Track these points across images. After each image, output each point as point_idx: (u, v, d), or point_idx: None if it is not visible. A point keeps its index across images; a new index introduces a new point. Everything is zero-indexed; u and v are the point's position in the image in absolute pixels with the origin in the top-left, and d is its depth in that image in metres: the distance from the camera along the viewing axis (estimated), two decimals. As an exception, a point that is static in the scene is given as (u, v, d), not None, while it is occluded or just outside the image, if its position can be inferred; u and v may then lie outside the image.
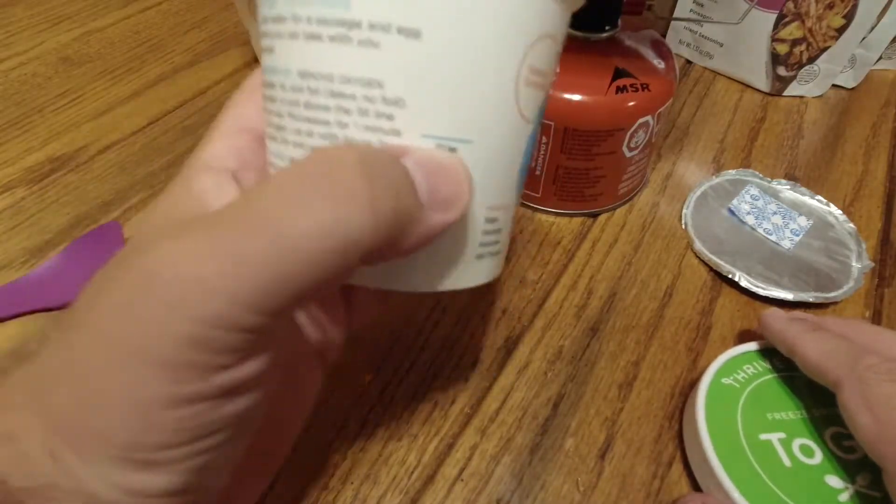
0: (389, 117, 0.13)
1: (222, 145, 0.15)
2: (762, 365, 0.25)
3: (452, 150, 0.13)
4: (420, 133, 0.13)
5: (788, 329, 0.24)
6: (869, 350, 0.21)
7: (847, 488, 0.21)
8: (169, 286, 0.11)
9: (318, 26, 0.12)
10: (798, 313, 0.26)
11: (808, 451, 0.22)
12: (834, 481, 0.21)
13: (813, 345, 0.23)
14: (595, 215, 0.35)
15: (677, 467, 0.24)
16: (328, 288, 0.12)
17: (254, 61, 0.46)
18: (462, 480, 0.24)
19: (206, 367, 0.11)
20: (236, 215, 0.12)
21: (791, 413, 0.23)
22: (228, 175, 0.15)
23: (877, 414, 0.19)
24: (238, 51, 0.48)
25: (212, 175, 0.15)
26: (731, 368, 0.25)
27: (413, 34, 0.12)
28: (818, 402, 0.23)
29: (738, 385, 0.24)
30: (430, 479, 0.24)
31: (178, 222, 0.13)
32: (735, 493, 0.21)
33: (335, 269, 0.12)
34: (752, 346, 0.26)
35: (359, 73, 0.12)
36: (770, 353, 0.25)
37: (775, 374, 0.25)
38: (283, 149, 0.14)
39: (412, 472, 0.24)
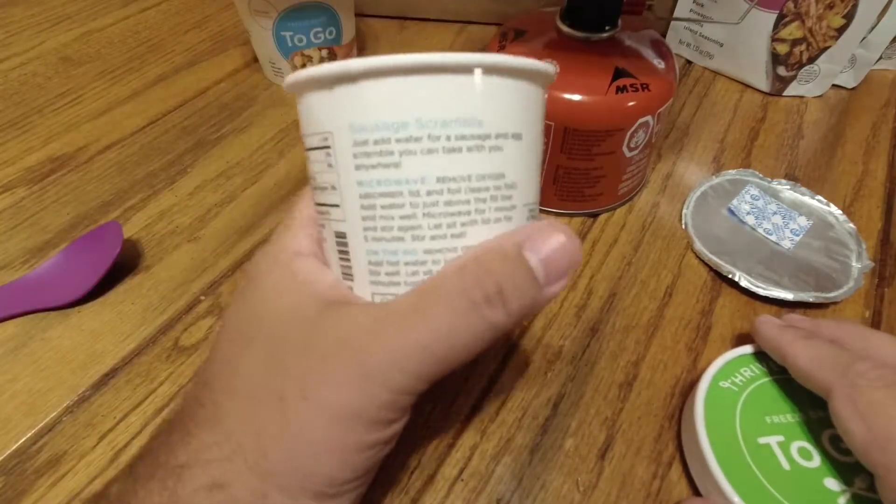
0: (509, 198, 0.17)
1: (303, 236, 0.19)
2: (759, 368, 0.25)
3: (533, 210, 0.18)
4: (522, 203, 0.17)
5: (780, 337, 0.24)
6: (860, 356, 0.21)
7: (845, 491, 0.21)
8: (380, 367, 0.15)
9: (457, 141, 0.16)
10: (793, 316, 0.26)
11: (806, 454, 0.22)
12: (832, 484, 0.21)
13: (804, 352, 0.23)
14: (595, 215, 0.35)
15: (677, 468, 0.24)
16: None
17: (253, 61, 0.46)
18: (462, 480, 0.24)
19: (389, 421, 0.16)
20: (421, 317, 0.16)
21: (789, 416, 0.23)
22: (319, 260, 0.18)
23: (868, 420, 0.19)
24: (238, 51, 0.48)
25: (307, 261, 0.18)
26: (729, 372, 0.25)
27: (519, 137, 0.17)
28: (815, 404, 0.23)
29: (735, 389, 0.24)
30: (430, 479, 0.24)
31: (318, 303, 0.17)
32: (735, 498, 0.21)
33: (479, 351, 0.16)
34: (748, 348, 0.26)
35: (491, 170, 0.16)
36: (766, 355, 0.25)
37: (772, 377, 0.25)
38: (418, 245, 0.16)
39: (412, 472, 0.24)
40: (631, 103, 0.29)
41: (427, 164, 0.16)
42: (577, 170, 0.32)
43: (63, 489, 0.23)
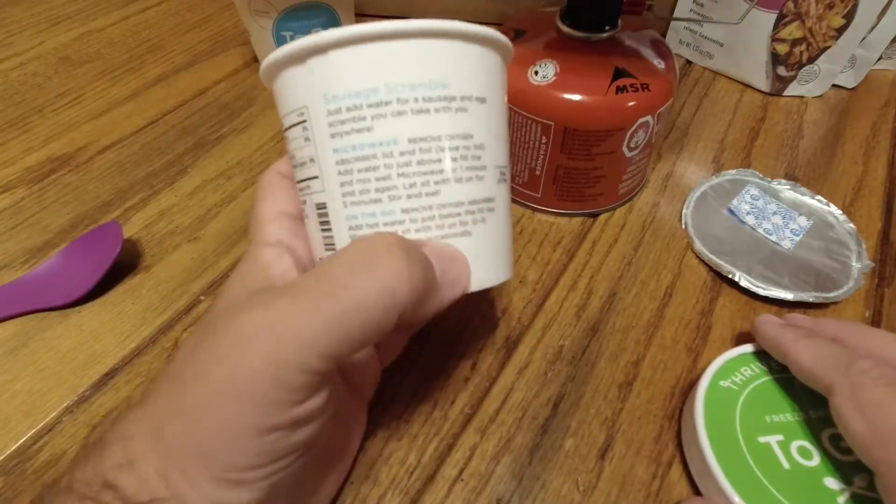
0: (478, 158, 0.18)
1: (272, 228, 0.20)
2: (759, 367, 0.25)
3: (503, 173, 0.19)
4: (493, 165, 0.18)
5: (781, 335, 0.24)
6: (861, 354, 0.21)
7: (845, 490, 0.21)
8: (264, 342, 0.15)
9: (424, 103, 0.16)
10: (794, 316, 0.26)
11: (806, 454, 0.22)
12: (832, 483, 0.21)
13: (805, 351, 0.23)
14: (595, 215, 0.35)
15: (677, 467, 0.24)
16: (373, 339, 0.16)
17: (253, 61, 0.46)
18: (462, 480, 0.24)
19: (285, 403, 0.15)
20: (314, 285, 0.15)
21: (789, 415, 0.23)
22: (283, 248, 0.19)
23: (869, 419, 0.19)
24: (238, 51, 0.48)
25: (271, 249, 0.19)
26: (729, 371, 0.25)
27: (483, 100, 0.18)
28: (815, 403, 0.23)
29: (735, 388, 0.24)
30: (430, 479, 0.24)
31: (257, 289, 0.17)
32: (735, 497, 0.21)
33: (382, 325, 0.16)
34: (748, 347, 0.26)
35: (459, 130, 0.17)
36: (767, 354, 0.25)
37: (772, 376, 0.25)
38: (395, 205, 0.17)
39: (412, 472, 0.24)
40: (631, 103, 0.29)
41: (398, 126, 0.16)
42: (577, 170, 0.32)
43: (63, 489, 0.23)
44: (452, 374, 0.27)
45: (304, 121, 0.17)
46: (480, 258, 0.18)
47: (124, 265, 0.31)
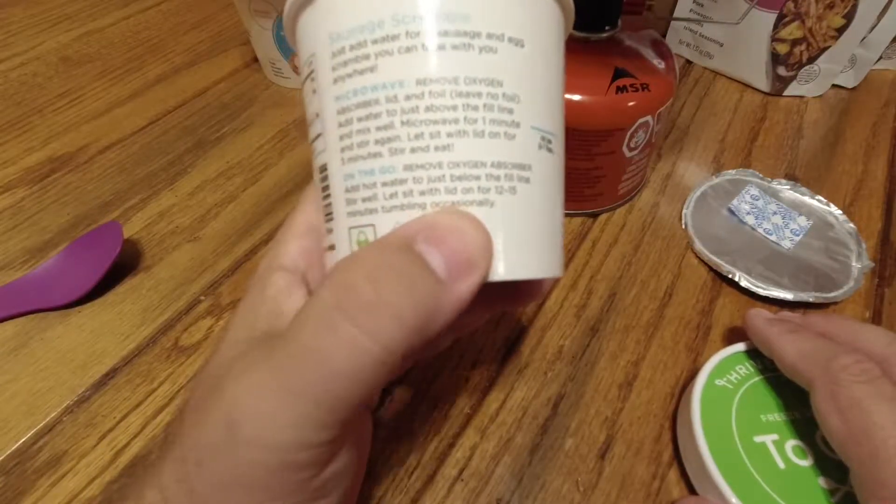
0: (510, 111, 0.14)
1: (294, 246, 0.17)
2: (754, 365, 0.25)
3: (549, 141, 0.16)
4: (530, 125, 0.15)
5: (768, 329, 0.24)
6: (847, 350, 0.21)
7: (839, 489, 0.21)
8: (252, 427, 0.13)
9: (439, 37, 0.14)
10: (784, 313, 0.26)
11: (800, 453, 0.22)
12: (826, 482, 0.21)
13: (791, 345, 0.23)
14: (595, 215, 0.35)
15: (677, 468, 0.24)
16: (379, 385, 0.13)
17: (253, 61, 0.46)
18: (462, 480, 0.24)
19: (297, 483, 0.14)
20: (286, 349, 0.13)
21: (784, 414, 0.23)
22: (298, 276, 0.16)
23: (845, 415, 0.19)
24: (238, 51, 0.48)
25: (283, 276, 0.16)
26: (724, 369, 0.25)
27: (519, 43, 0.15)
28: (809, 401, 0.23)
29: (731, 386, 0.24)
30: (430, 479, 0.24)
31: (260, 333, 0.15)
32: (732, 497, 0.21)
33: (378, 377, 0.13)
34: (742, 346, 0.26)
35: (482, 73, 0.14)
36: (761, 352, 0.25)
37: (767, 374, 0.24)
38: (396, 160, 0.14)
39: (412, 472, 0.24)
40: (631, 103, 0.29)
41: (406, 65, 0.14)
42: (577, 170, 0.32)
43: (63, 489, 0.23)
44: (452, 374, 0.27)
45: (313, 70, 0.15)
46: (508, 238, 0.14)
47: (124, 265, 0.31)
